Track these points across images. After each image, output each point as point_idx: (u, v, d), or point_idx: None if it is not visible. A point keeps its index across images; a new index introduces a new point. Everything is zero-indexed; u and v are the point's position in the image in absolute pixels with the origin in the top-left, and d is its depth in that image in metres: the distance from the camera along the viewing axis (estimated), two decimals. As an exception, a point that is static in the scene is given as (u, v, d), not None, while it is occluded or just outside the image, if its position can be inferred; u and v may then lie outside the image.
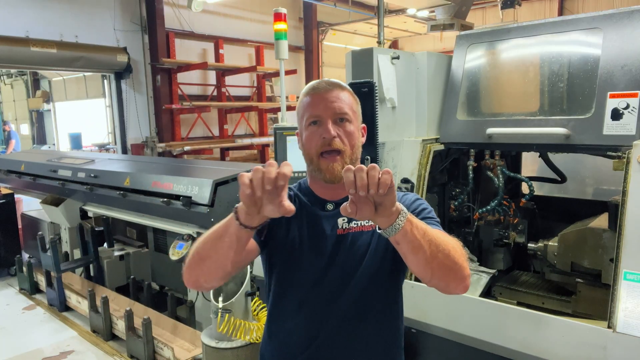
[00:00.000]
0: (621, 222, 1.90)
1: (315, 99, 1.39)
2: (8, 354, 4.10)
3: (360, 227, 1.41)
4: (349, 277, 1.38)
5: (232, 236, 1.18)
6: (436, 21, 6.91)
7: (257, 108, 11.72)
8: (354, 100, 1.44)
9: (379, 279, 1.41)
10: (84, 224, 5.03)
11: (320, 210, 1.44)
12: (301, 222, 1.43)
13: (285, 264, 1.43)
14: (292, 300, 1.43)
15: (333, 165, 1.35)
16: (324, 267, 1.39)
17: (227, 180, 3.54)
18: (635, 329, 1.81)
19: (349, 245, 1.40)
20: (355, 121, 1.41)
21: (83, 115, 14.57)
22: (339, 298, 1.39)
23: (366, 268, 1.39)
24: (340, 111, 1.37)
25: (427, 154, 2.60)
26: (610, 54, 2.22)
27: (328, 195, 1.45)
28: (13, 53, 7.50)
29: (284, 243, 1.42)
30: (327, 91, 1.38)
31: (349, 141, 1.37)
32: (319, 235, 1.41)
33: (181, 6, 10.13)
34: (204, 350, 3.05)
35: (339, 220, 1.41)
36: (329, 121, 1.36)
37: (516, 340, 2.12)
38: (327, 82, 1.42)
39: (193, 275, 1.29)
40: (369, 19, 13.33)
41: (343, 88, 1.42)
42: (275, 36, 4.12)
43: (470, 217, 2.99)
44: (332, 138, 1.34)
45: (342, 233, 1.41)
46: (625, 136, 2.11)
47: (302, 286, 1.41)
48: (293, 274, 1.42)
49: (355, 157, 1.40)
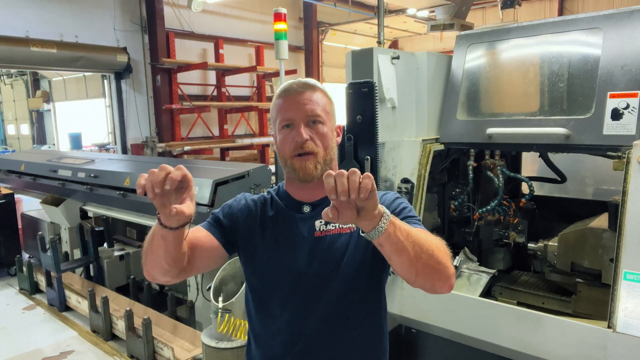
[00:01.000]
0: (621, 222, 1.90)
1: (287, 102, 1.39)
2: (8, 354, 4.10)
3: (339, 229, 1.40)
4: (328, 280, 1.38)
5: (157, 235, 1.20)
6: (436, 21, 6.90)
7: (257, 108, 11.73)
8: (327, 100, 1.43)
9: (359, 281, 1.40)
10: (84, 224, 5.03)
11: (296, 213, 1.44)
12: (277, 225, 1.43)
13: (263, 269, 1.43)
14: (273, 305, 1.42)
15: (306, 164, 1.35)
16: (302, 271, 1.38)
17: (227, 180, 3.54)
18: (635, 329, 1.81)
19: (327, 247, 1.39)
20: (328, 122, 1.40)
21: (83, 115, 14.59)
22: (319, 301, 1.38)
23: (345, 270, 1.38)
24: (312, 113, 1.37)
25: (427, 154, 2.60)
26: (610, 54, 2.22)
27: (304, 197, 1.44)
28: (13, 53, 7.50)
29: (261, 247, 1.42)
30: (298, 93, 1.38)
31: (322, 142, 1.37)
32: (295, 239, 1.40)
33: (181, 6, 10.13)
34: (204, 350, 3.05)
35: (316, 223, 1.41)
36: (301, 124, 1.36)
37: (516, 340, 2.12)
38: (299, 83, 1.40)
39: (144, 268, 1.31)
40: (369, 19, 13.33)
41: (315, 89, 1.41)
42: (275, 36, 4.13)
43: (470, 217, 2.99)
44: (305, 141, 1.34)
45: (319, 235, 1.40)
46: (625, 136, 2.11)
47: (281, 290, 1.41)
48: (271, 279, 1.42)
49: (330, 157, 1.40)
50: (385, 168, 2.66)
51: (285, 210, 1.45)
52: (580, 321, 2.02)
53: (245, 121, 12.10)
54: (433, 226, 2.83)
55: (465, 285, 2.62)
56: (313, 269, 1.38)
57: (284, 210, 1.45)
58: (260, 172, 3.77)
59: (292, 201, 1.46)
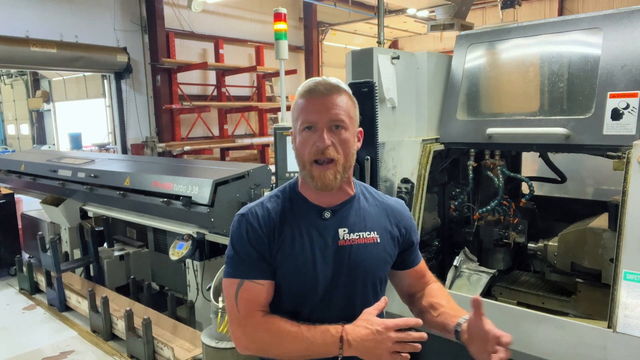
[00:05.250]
0: (621, 222, 1.90)
1: (310, 103, 1.33)
2: (8, 354, 4.10)
3: (363, 239, 1.41)
4: (354, 290, 1.40)
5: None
6: (436, 21, 6.91)
7: (257, 108, 11.73)
8: (351, 104, 1.38)
9: (378, 289, 1.46)
10: (84, 224, 5.03)
11: (317, 219, 1.40)
12: (300, 233, 1.38)
13: (291, 279, 1.38)
14: (300, 314, 1.38)
15: (325, 173, 1.32)
16: (330, 281, 1.37)
17: (227, 180, 3.54)
18: (635, 329, 1.81)
19: (352, 257, 1.39)
20: (351, 127, 1.35)
21: (83, 115, 14.59)
22: (345, 308, 1.39)
23: (369, 280, 1.41)
24: (336, 118, 1.32)
25: (427, 154, 2.60)
26: (610, 54, 2.22)
27: (322, 202, 1.41)
28: (13, 53, 7.50)
29: (289, 258, 1.37)
30: (323, 95, 1.32)
31: (343, 150, 1.33)
32: (320, 247, 1.38)
33: (181, 6, 10.13)
34: (204, 350, 3.05)
35: (339, 231, 1.39)
36: (324, 129, 1.31)
37: (516, 340, 2.11)
38: (325, 85, 1.34)
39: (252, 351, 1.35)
40: (369, 19, 13.33)
41: (341, 91, 1.35)
42: (275, 36, 4.12)
43: (470, 217, 2.99)
44: (326, 147, 1.31)
45: (343, 244, 1.39)
46: (625, 136, 2.11)
47: (311, 301, 1.38)
48: (299, 289, 1.38)
49: (349, 164, 1.37)
50: (385, 168, 2.66)
51: (304, 216, 1.40)
52: (580, 321, 2.02)
53: (245, 121, 12.10)
54: (433, 226, 2.83)
55: (465, 285, 2.62)
56: (340, 279, 1.38)
57: (303, 216, 1.40)
58: (260, 172, 3.77)
59: (310, 205, 1.42)
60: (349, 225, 1.41)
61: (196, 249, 3.71)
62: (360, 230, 1.41)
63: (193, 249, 3.67)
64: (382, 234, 1.44)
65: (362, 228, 1.42)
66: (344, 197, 1.44)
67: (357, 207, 1.45)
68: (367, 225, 1.43)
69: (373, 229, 1.43)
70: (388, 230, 1.46)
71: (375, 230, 1.43)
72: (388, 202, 1.53)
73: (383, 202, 1.51)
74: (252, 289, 1.35)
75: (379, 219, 1.46)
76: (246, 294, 1.35)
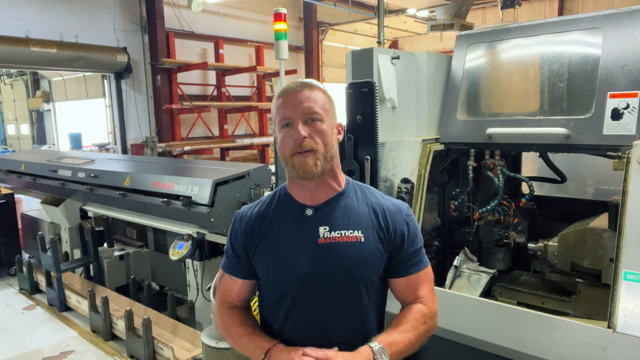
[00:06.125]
0: (621, 222, 1.90)
1: (285, 101, 1.39)
2: (8, 354, 4.10)
3: (345, 237, 1.40)
4: (330, 288, 1.40)
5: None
6: (436, 21, 6.91)
7: (257, 108, 11.73)
8: (325, 98, 1.42)
9: (360, 290, 1.42)
10: (84, 224, 5.03)
11: (299, 217, 1.43)
12: (281, 231, 1.44)
13: (269, 275, 1.46)
14: (280, 310, 1.44)
15: (305, 160, 1.35)
16: (306, 278, 1.39)
17: (227, 180, 3.54)
18: (635, 329, 1.81)
19: (331, 255, 1.39)
20: (327, 119, 1.40)
21: (83, 115, 14.59)
22: (321, 307, 1.40)
23: (348, 280, 1.40)
24: (310, 111, 1.37)
25: (427, 154, 2.60)
26: (610, 54, 2.22)
27: (306, 200, 1.44)
28: (13, 53, 7.50)
29: (265, 254, 1.44)
30: (296, 92, 1.38)
31: (322, 139, 1.37)
32: (299, 244, 1.40)
33: (181, 6, 10.13)
34: (204, 350, 3.05)
35: (320, 229, 1.40)
36: (299, 122, 1.36)
37: (516, 340, 2.12)
38: (297, 82, 1.41)
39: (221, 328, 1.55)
40: (369, 19, 13.33)
41: (313, 87, 1.41)
42: (275, 36, 4.13)
43: (470, 217, 2.98)
44: (303, 138, 1.35)
45: (322, 242, 1.39)
46: (625, 136, 2.11)
47: (287, 297, 1.42)
48: (276, 285, 1.45)
49: (330, 154, 1.40)
50: (385, 168, 2.66)
51: (287, 214, 1.45)
52: (580, 321, 2.02)
53: (245, 121, 12.11)
54: (433, 226, 2.83)
55: (465, 285, 2.62)
56: (316, 276, 1.39)
57: (286, 214, 1.45)
58: (260, 172, 3.77)
59: (294, 204, 1.45)
60: (331, 224, 1.41)
61: (196, 249, 3.71)
62: (343, 228, 1.40)
63: (193, 249, 3.67)
64: (367, 234, 1.41)
65: (344, 226, 1.41)
66: (330, 193, 1.44)
67: (343, 205, 1.44)
68: (350, 223, 1.41)
69: (357, 228, 1.41)
70: (376, 231, 1.43)
71: (359, 230, 1.41)
72: (383, 203, 1.48)
73: (377, 202, 1.48)
74: (227, 282, 1.54)
75: (367, 218, 1.43)
76: (223, 285, 1.55)
